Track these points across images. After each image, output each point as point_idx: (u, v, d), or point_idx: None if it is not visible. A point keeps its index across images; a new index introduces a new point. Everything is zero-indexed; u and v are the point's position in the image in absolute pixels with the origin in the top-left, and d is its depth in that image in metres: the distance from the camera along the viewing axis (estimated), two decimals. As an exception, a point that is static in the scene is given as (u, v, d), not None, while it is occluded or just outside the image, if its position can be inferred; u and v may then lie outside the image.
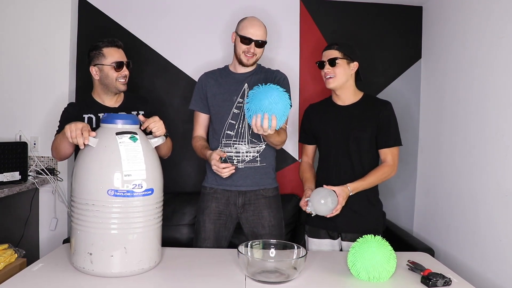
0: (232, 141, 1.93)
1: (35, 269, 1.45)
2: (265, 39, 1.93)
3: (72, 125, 1.44)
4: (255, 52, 1.91)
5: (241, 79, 1.97)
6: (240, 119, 1.93)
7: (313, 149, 2.09)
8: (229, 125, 1.94)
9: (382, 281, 1.43)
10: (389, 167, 1.89)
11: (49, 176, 2.49)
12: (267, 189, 1.97)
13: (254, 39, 1.89)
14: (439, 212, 2.51)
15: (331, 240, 1.97)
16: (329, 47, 1.93)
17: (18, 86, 2.57)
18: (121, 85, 1.84)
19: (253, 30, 1.90)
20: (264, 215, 1.95)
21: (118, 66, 1.82)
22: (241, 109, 1.93)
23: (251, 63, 1.94)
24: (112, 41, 1.85)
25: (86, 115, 1.85)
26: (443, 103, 2.50)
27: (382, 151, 1.92)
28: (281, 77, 2.00)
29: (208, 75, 2.04)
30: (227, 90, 1.96)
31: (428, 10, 2.73)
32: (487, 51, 2.08)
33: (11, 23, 2.55)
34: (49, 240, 2.59)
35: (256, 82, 1.92)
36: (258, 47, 1.92)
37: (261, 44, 1.92)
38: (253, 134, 1.92)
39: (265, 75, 1.99)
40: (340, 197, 1.76)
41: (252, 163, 1.94)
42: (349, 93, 1.95)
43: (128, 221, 1.40)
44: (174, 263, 1.57)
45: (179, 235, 2.54)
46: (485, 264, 2.04)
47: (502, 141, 1.94)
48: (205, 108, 2.00)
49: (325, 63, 1.91)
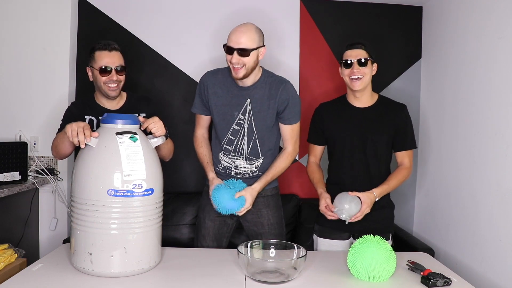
0: (230, 155, 1.90)
1: (35, 269, 1.45)
2: (251, 46, 1.71)
3: (74, 124, 1.44)
4: (238, 62, 1.71)
5: (244, 93, 1.83)
6: (240, 136, 1.86)
7: (322, 150, 2.04)
8: (228, 141, 1.89)
9: (382, 281, 1.43)
10: (407, 170, 1.91)
11: (49, 176, 2.49)
12: (265, 189, 1.94)
13: (235, 48, 1.70)
14: (439, 212, 2.51)
15: (341, 241, 1.95)
16: (355, 46, 1.84)
17: (18, 86, 2.57)
18: (109, 91, 1.77)
19: (235, 37, 1.71)
20: (263, 214, 1.95)
21: (102, 70, 1.75)
22: (241, 126, 1.85)
23: (241, 76, 1.74)
24: (105, 44, 1.77)
25: (87, 116, 1.84)
26: (443, 103, 2.50)
27: (399, 154, 1.93)
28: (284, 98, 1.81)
29: (211, 76, 1.90)
30: (229, 103, 1.85)
31: (428, 10, 2.73)
32: (487, 51, 2.08)
33: (11, 23, 2.55)
34: (49, 240, 2.59)
35: (259, 98, 1.82)
36: (243, 56, 1.70)
37: (244, 52, 1.70)
38: (251, 152, 1.88)
39: (269, 89, 1.82)
40: (364, 204, 1.75)
41: (251, 175, 1.92)
42: (368, 95, 1.91)
43: (128, 221, 1.40)
44: (174, 263, 1.57)
45: (179, 235, 2.54)
46: (485, 264, 2.04)
47: (502, 141, 1.94)
48: (206, 111, 1.94)
49: (353, 62, 1.82)
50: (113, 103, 1.87)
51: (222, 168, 1.93)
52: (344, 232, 1.93)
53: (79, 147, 1.45)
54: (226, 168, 1.92)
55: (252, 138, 1.86)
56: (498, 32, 1.99)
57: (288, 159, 1.91)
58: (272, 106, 1.83)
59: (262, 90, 1.83)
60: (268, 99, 1.82)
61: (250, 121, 1.84)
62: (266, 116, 1.84)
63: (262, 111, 1.83)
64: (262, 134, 1.86)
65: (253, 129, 1.85)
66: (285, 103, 1.82)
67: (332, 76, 2.73)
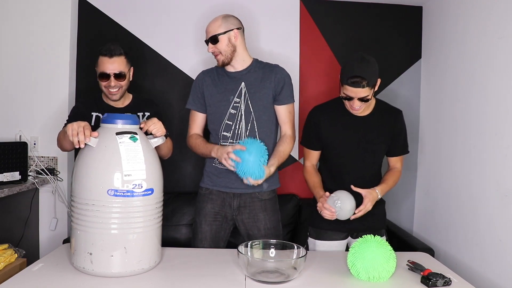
0: (228, 142, 1.88)
1: (35, 269, 1.45)
2: (218, 31, 1.82)
3: (75, 124, 1.45)
4: (214, 50, 1.84)
5: (238, 77, 1.90)
6: (237, 119, 1.88)
7: (318, 155, 1.98)
8: (226, 126, 1.89)
9: (382, 281, 1.43)
10: (400, 173, 1.96)
11: (49, 176, 2.49)
12: (263, 192, 1.93)
13: (207, 39, 1.85)
14: (439, 212, 2.51)
15: (340, 241, 1.94)
16: (357, 84, 1.68)
17: (18, 86, 2.57)
18: (110, 94, 1.83)
19: (207, 29, 1.86)
20: (260, 218, 1.92)
21: (100, 76, 1.80)
22: (238, 109, 1.88)
23: (221, 63, 1.87)
24: (107, 50, 1.80)
25: (94, 113, 1.88)
26: (443, 103, 2.50)
27: (392, 159, 1.96)
28: (280, 78, 1.90)
29: (205, 73, 1.99)
30: (223, 90, 1.91)
31: (428, 10, 2.73)
32: (487, 51, 2.08)
33: (11, 23, 2.55)
34: (49, 240, 2.59)
35: (253, 81, 1.89)
36: (214, 43, 1.83)
37: (214, 39, 1.82)
38: (249, 134, 1.88)
39: (262, 72, 1.91)
40: (366, 199, 1.77)
41: None
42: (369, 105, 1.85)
43: (128, 221, 1.40)
44: (174, 263, 1.57)
45: (179, 235, 2.54)
46: (485, 264, 2.04)
47: (502, 141, 1.94)
48: (202, 108, 1.96)
49: (354, 99, 1.73)
50: (118, 102, 1.92)
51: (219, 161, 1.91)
52: (340, 232, 1.94)
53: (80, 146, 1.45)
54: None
55: (250, 119, 1.89)
56: (498, 32, 1.99)
57: (290, 143, 1.93)
58: (267, 86, 1.90)
59: (256, 73, 1.92)
60: (262, 81, 1.90)
61: (246, 102, 1.89)
62: (262, 96, 1.90)
63: (258, 92, 1.90)
64: (259, 115, 1.90)
65: (250, 110, 1.89)
66: (281, 82, 1.91)
67: (332, 76, 2.73)
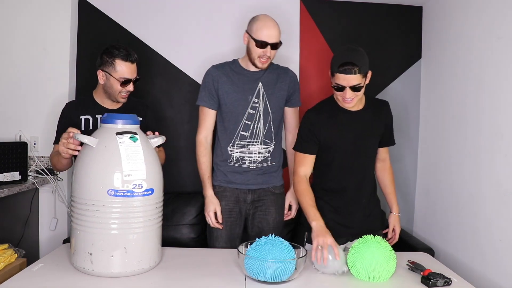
0: (246, 142, 1.91)
1: (35, 269, 1.45)
2: (280, 39, 1.85)
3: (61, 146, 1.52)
4: (270, 55, 1.85)
5: (255, 77, 1.92)
6: (255, 119, 1.90)
7: (312, 160, 1.85)
8: (244, 126, 1.90)
9: (382, 281, 1.43)
10: (391, 169, 2.01)
11: (49, 176, 2.49)
12: (276, 186, 2.01)
13: (270, 43, 1.81)
14: (439, 212, 2.51)
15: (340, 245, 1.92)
16: (349, 71, 1.65)
17: (18, 86, 2.57)
18: (121, 98, 1.83)
19: (269, 32, 1.81)
20: (271, 212, 1.99)
21: (124, 82, 1.77)
22: (256, 109, 1.90)
23: (266, 67, 1.89)
24: (127, 55, 1.76)
25: (83, 116, 1.83)
26: (443, 103, 2.50)
27: (383, 150, 1.97)
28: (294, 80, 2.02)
29: (219, 69, 1.94)
30: (241, 89, 1.89)
31: (428, 10, 2.73)
32: (487, 51, 2.08)
33: (11, 23, 2.55)
34: (49, 240, 2.59)
35: (269, 81, 1.93)
36: (274, 49, 1.85)
37: (277, 46, 1.85)
38: (266, 134, 1.93)
39: (277, 74, 1.97)
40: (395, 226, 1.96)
41: (263, 163, 1.95)
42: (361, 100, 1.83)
43: (128, 221, 1.40)
44: (174, 263, 1.57)
45: (179, 235, 2.53)
46: (485, 264, 2.04)
47: (502, 141, 1.94)
48: (215, 105, 1.92)
49: (346, 88, 1.68)
50: (113, 103, 1.87)
51: (235, 160, 1.94)
52: (340, 237, 1.91)
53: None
54: (239, 160, 1.93)
55: (268, 119, 1.93)
56: (497, 32, 1.99)
57: None
58: (282, 88, 1.96)
59: (271, 74, 1.95)
60: (277, 82, 1.94)
61: (265, 102, 1.92)
62: (278, 97, 1.95)
63: (275, 93, 1.94)
64: (276, 116, 1.96)
65: (269, 110, 1.93)
66: (295, 84, 2.02)
67: (332, 76, 2.73)
